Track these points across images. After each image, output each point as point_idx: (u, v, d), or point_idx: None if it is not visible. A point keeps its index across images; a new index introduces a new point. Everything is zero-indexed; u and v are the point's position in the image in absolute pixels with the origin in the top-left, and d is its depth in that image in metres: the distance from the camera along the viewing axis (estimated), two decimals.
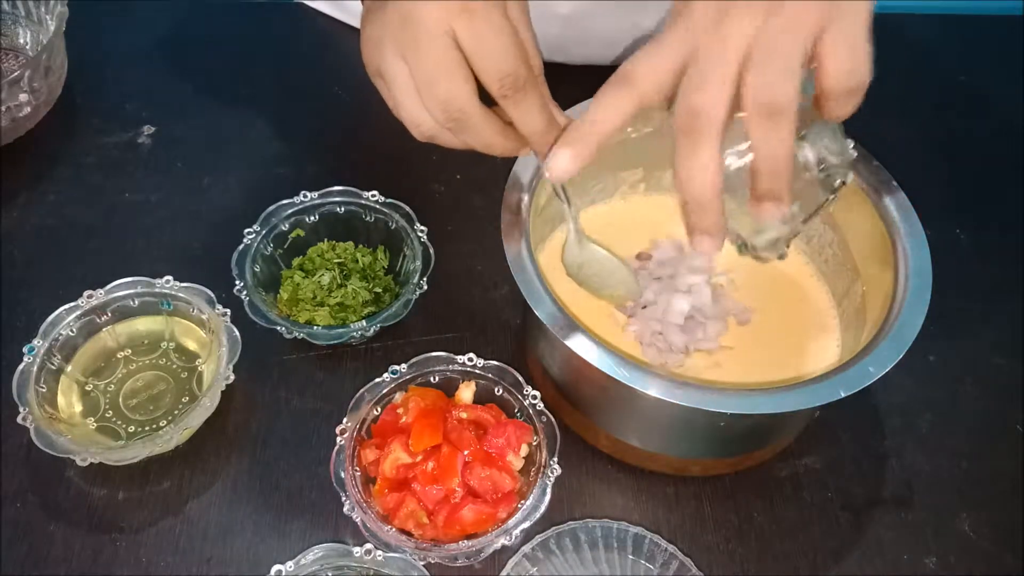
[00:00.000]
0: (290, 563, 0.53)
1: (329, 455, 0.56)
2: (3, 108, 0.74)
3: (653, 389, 0.50)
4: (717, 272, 0.66)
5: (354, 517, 0.54)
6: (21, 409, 0.57)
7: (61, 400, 0.61)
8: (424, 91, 0.49)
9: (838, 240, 0.64)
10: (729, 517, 0.60)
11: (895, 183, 0.60)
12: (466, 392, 0.60)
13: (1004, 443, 0.64)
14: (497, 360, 0.60)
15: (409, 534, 0.55)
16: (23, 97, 0.75)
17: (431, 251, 0.66)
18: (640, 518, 0.59)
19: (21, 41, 0.83)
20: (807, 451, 0.62)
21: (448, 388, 0.61)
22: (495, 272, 0.71)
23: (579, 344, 0.52)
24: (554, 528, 0.57)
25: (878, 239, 0.59)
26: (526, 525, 0.54)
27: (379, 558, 0.53)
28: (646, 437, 0.59)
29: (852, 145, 0.50)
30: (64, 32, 0.78)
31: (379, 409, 0.59)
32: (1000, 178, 0.80)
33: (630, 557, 0.57)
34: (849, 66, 0.45)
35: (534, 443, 0.58)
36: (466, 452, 0.56)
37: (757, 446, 0.60)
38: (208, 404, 0.60)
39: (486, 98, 0.49)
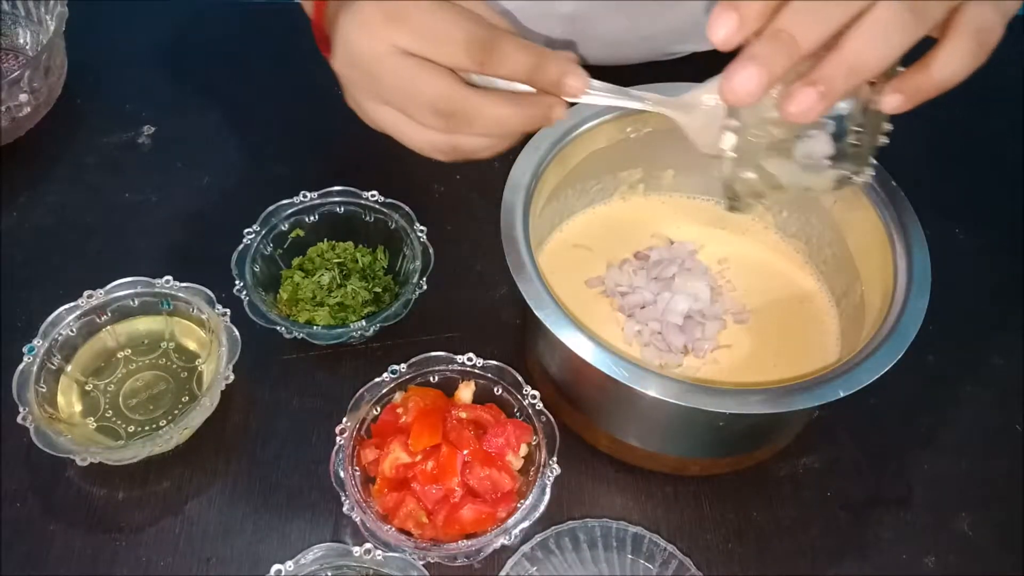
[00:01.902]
0: (290, 563, 0.53)
1: (329, 455, 0.57)
2: (3, 108, 0.74)
3: (652, 389, 0.50)
4: (715, 270, 0.66)
5: (354, 517, 0.54)
6: (21, 409, 0.57)
7: (61, 400, 0.61)
8: (413, 111, 0.48)
9: (837, 240, 0.64)
10: (728, 517, 0.60)
11: (895, 183, 0.60)
12: (465, 392, 0.60)
13: (1004, 443, 0.64)
14: (497, 360, 0.60)
15: (409, 534, 0.55)
16: (23, 97, 0.75)
17: (431, 251, 0.66)
18: (639, 518, 0.59)
19: (21, 41, 0.83)
20: (806, 451, 0.62)
21: (448, 388, 0.61)
22: (495, 272, 0.71)
23: (578, 344, 0.52)
24: (553, 528, 0.57)
25: (877, 239, 0.59)
26: (525, 525, 0.54)
27: (379, 558, 0.53)
28: (645, 437, 0.59)
29: (884, 144, 0.48)
30: (64, 32, 0.78)
31: (379, 409, 0.59)
32: (1000, 178, 0.80)
33: (629, 557, 0.57)
34: (970, 59, 0.43)
35: (533, 443, 0.58)
36: (465, 452, 0.56)
37: (756, 446, 0.60)
38: (208, 404, 0.60)
39: None
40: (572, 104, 0.49)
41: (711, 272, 0.66)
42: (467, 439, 0.56)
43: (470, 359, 0.60)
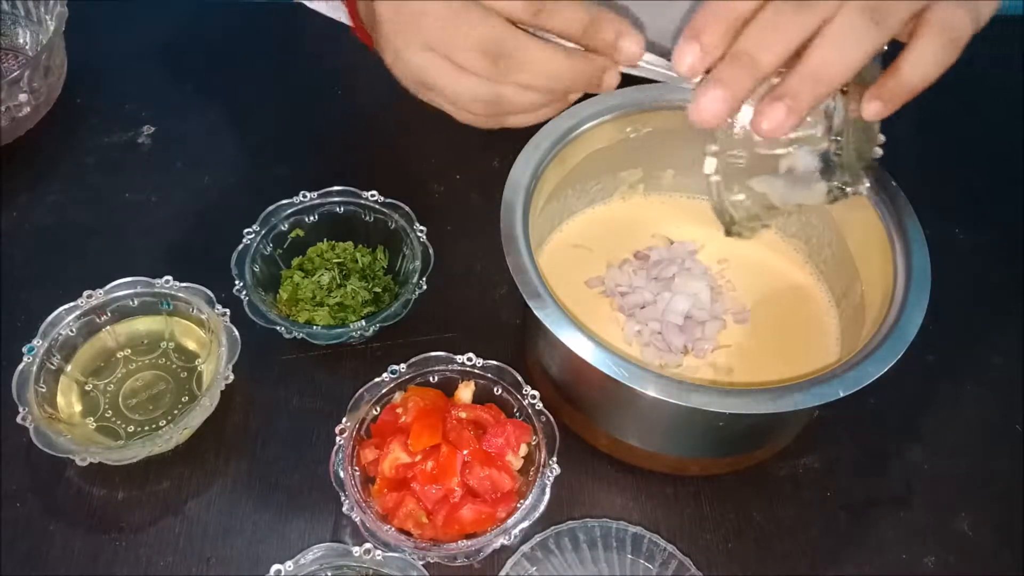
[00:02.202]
0: (289, 563, 0.53)
1: (328, 455, 0.57)
2: (3, 108, 0.74)
3: (652, 389, 0.50)
4: (715, 270, 0.66)
5: (353, 517, 0.54)
6: (21, 409, 0.57)
7: (61, 400, 0.61)
8: (459, 53, 0.45)
9: (837, 240, 0.64)
10: (728, 516, 0.60)
11: (894, 183, 0.60)
12: (465, 392, 0.60)
13: (1004, 443, 0.64)
14: (496, 360, 0.60)
15: (408, 534, 0.55)
16: (23, 97, 0.75)
17: (430, 251, 0.66)
18: (639, 518, 0.59)
19: (21, 41, 0.83)
20: (806, 451, 0.62)
21: (447, 388, 0.61)
22: (495, 272, 0.71)
23: (578, 344, 0.52)
24: (553, 528, 0.57)
25: (877, 239, 0.59)
26: (525, 525, 0.54)
27: (378, 558, 0.53)
28: (645, 437, 0.59)
29: (878, 155, 0.48)
30: (64, 32, 0.78)
31: (378, 409, 0.59)
32: (1000, 178, 0.80)
33: (629, 557, 0.57)
34: (939, 58, 0.43)
35: (533, 443, 0.58)
36: (465, 452, 0.56)
37: (756, 446, 0.60)
38: (208, 404, 0.60)
39: None
40: (624, 76, 0.47)
41: (711, 272, 0.66)
42: (467, 439, 0.56)
43: (470, 359, 0.60)
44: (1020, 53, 0.90)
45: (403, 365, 0.60)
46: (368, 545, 0.53)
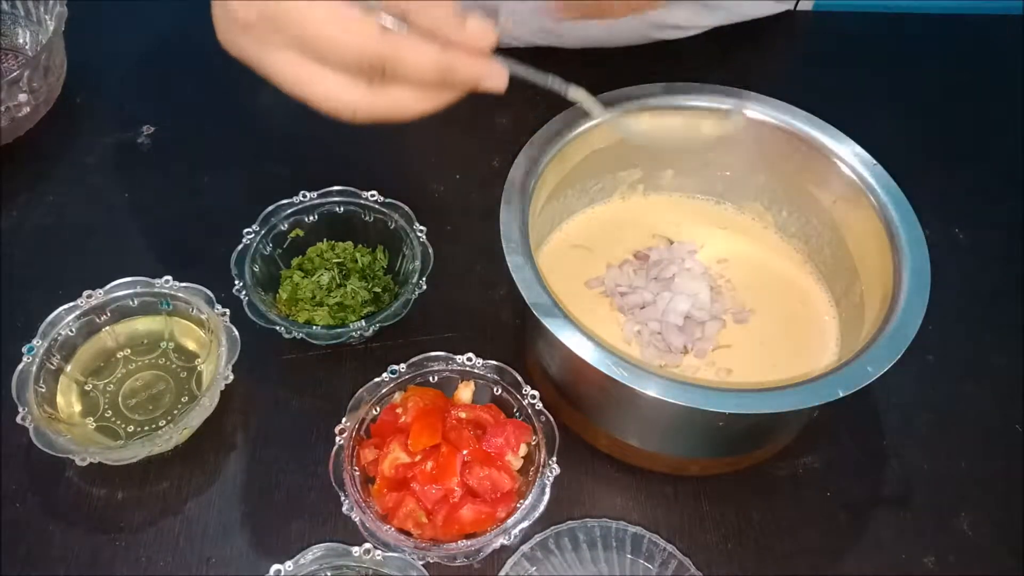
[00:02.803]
0: (289, 563, 0.53)
1: (328, 455, 0.56)
2: (3, 108, 0.74)
3: (652, 389, 0.50)
4: (714, 271, 0.66)
5: (353, 517, 0.54)
6: (20, 409, 0.57)
7: (60, 400, 0.61)
8: (335, 57, 0.44)
9: (837, 240, 0.64)
10: (728, 516, 0.60)
11: (894, 183, 0.60)
12: (465, 392, 0.60)
13: (1003, 443, 0.64)
14: (496, 360, 0.60)
15: (408, 534, 0.55)
16: (22, 97, 0.75)
17: (430, 251, 0.66)
18: (639, 517, 0.59)
19: (20, 41, 0.83)
20: (806, 451, 0.62)
21: (447, 387, 0.61)
22: (494, 272, 0.71)
23: (578, 344, 0.52)
24: (553, 528, 0.57)
25: (877, 239, 0.59)
26: (525, 525, 0.54)
27: (378, 558, 0.53)
28: (645, 437, 0.59)
29: None
30: (64, 32, 0.78)
31: (378, 409, 0.59)
32: (999, 178, 0.80)
33: (629, 556, 0.57)
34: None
35: (533, 443, 0.58)
36: (465, 452, 0.56)
37: (756, 446, 0.60)
38: (207, 404, 0.60)
39: None
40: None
41: (711, 272, 0.66)
42: (467, 439, 0.56)
43: (469, 359, 0.60)
44: (1020, 53, 0.91)
45: (403, 365, 0.60)
46: (368, 545, 0.53)
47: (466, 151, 0.78)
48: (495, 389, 0.60)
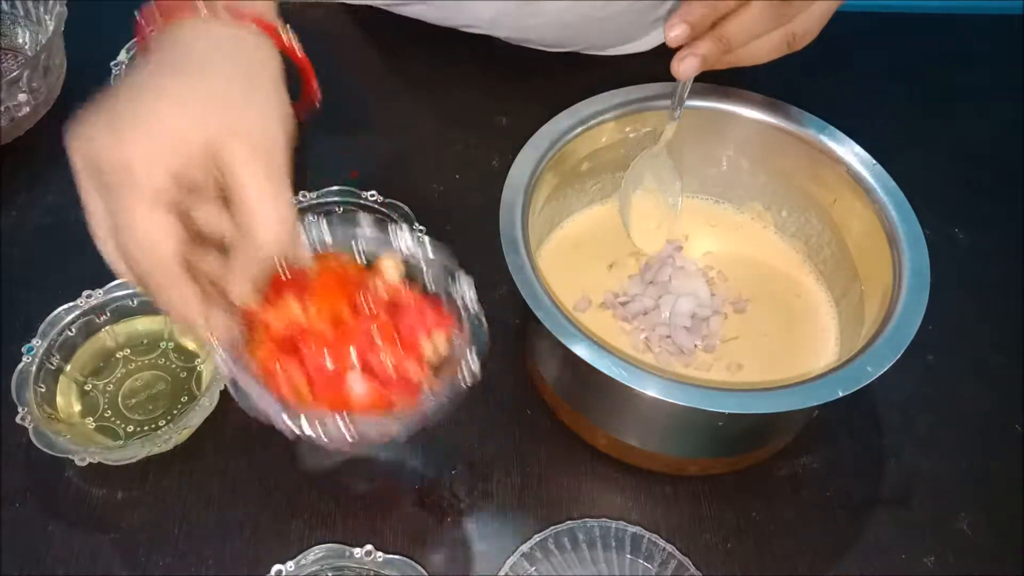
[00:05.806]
0: (290, 563, 0.53)
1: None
2: (2, 108, 0.74)
3: (651, 389, 0.50)
4: (702, 264, 0.66)
5: (222, 368, 0.47)
6: (20, 409, 0.57)
7: (60, 400, 0.61)
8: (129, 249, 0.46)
9: (836, 240, 0.64)
10: (727, 516, 0.60)
11: (894, 183, 0.60)
12: (391, 270, 0.51)
13: (1003, 443, 0.64)
14: (496, 360, 0.60)
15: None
16: (22, 97, 0.75)
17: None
18: (638, 517, 0.59)
19: (20, 41, 0.83)
20: (806, 450, 0.62)
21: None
22: (494, 272, 0.71)
23: (578, 344, 0.52)
24: (552, 528, 0.57)
25: (876, 239, 0.59)
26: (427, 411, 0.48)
27: (379, 559, 0.53)
28: (645, 437, 0.59)
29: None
30: (64, 32, 0.78)
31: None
32: (999, 178, 0.80)
33: (628, 556, 0.57)
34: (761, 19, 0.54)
35: (456, 342, 0.50)
36: (373, 326, 0.48)
37: (756, 445, 0.60)
38: (207, 404, 0.60)
39: None
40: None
41: (700, 266, 0.66)
42: (377, 314, 0.49)
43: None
44: (1020, 53, 0.91)
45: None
46: (369, 546, 0.53)
47: (466, 151, 0.78)
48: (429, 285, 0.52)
